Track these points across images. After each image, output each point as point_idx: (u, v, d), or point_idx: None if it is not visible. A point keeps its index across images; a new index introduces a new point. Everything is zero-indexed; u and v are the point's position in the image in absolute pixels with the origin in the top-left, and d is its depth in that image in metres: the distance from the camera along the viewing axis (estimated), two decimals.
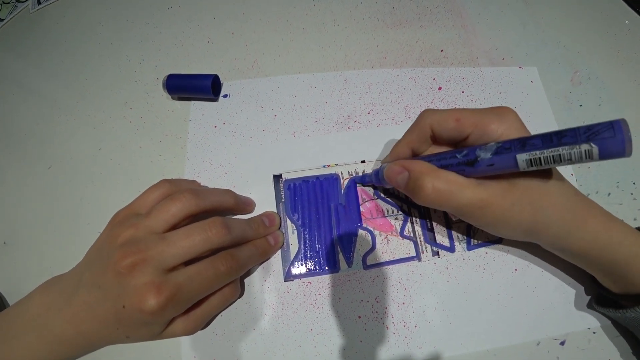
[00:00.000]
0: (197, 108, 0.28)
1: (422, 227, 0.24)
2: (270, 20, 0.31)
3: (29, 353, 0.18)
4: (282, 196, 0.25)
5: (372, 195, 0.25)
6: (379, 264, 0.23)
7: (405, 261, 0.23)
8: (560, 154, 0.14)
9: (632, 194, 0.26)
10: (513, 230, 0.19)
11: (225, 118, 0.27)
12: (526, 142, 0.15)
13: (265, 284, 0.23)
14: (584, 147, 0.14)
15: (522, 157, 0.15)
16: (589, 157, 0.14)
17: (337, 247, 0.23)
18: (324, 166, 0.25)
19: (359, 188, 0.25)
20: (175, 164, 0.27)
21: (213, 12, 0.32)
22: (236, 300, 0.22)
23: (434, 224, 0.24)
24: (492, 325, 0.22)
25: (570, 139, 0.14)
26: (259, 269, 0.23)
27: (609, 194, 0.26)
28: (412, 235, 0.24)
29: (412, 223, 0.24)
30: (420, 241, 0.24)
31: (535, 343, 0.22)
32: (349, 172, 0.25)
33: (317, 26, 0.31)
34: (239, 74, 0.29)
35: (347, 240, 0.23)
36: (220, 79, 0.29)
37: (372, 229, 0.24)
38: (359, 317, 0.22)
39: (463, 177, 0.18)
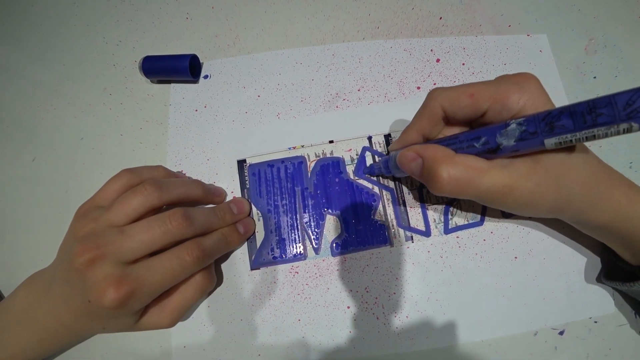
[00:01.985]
0: (177, 91, 0.25)
1: (395, 210, 0.22)
2: None
3: (20, 345, 0.19)
4: (247, 182, 0.22)
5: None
6: (348, 251, 0.21)
7: (376, 247, 0.21)
8: (595, 134, 0.12)
9: None
10: (536, 210, 0.17)
11: (206, 101, 0.25)
12: (554, 125, 0.13)
13: (252, 274, 0.21)
14: (623, 125, 0.12)
15: (551, 142, 0.13)
16: (626, 132, 0.12)
17: (304, 234, 0.21)
18: (290, 148, 0.23)
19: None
20: (157, 152, 0.24)
21: None
22: (213, 289, 0.21)
23: (408, 207, 0.22)
24: (487, 316, 0.20)
25: (608, 118, 0.12)
26: (244, 257, 0.21)
27: None
28: (383, 219, 0.21)
29: (383, 206, 0.22)
30: (393, 225, 0.21)
31: (533, 333, 0.20)
32: (315, 154, 0.23)
33: None
34: (220, 52, 0.26)
35: (315, 226, 0.21)
36: (200, 59, 0.26)
37: (339, 214, 0.22)
38: (348, 307, 0.20)
39: (483, 160, 0.15)
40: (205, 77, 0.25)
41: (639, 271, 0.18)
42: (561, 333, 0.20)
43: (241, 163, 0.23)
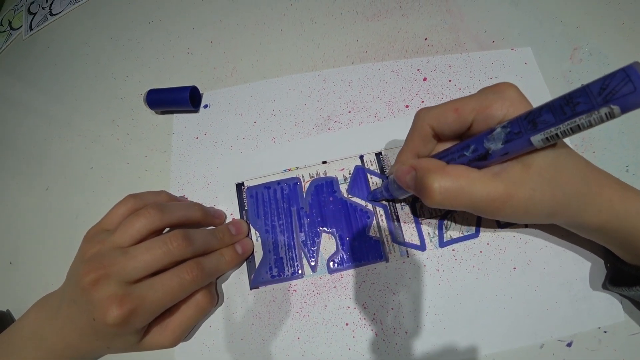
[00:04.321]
0: (180, 121, 0.28)
1: (389, 225, 0.23)
2: (248, 24, 0.31)
3: None
4: (245, 204, 0.24)
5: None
6: (344, 268, 0.22)
7: (371, 263, 0.22)
8: (578, 124, 0.13)
9: None
10: (535, 216, 0.17)
11: (206, 129, 0.27)
12: (536, 121, 0.14)
13: (252, 293, 0.23)
14: (604, 110, 0.12)
15: (537, 138, 0.14)
16: (610, 117, 0.12)
17: (301, 252, 0.23)
18: (285, 170, 0.25)
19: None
20: (161, 178, 0.27)
21: (192, 22, 0.32)
22: (214, 308, 0.22)
23: (402, 222, 0.23)
24: (489, 329, 0.21)
25: (585, 105, 0.12)
26: (243, 277, 0.23)
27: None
28: (377, 235, 0.23)
29: (377, 223, 0.23)
30: (388, 241, 0.23)
31: (539, 346, 0.20)
32: (310, 175, 0.25)
33: (294, 26, 0.30)
34: (218, 82, 0.29)
35: (311, 244, 0.23)
36: (200, 90, 0.29)
37: (334, 231, 0.23)
38: (347, 324, 0.21)
39: (474, 169, 0.16)
40: (205, 106, 0.28)
41: None
42: (569, 345, 0.20)
43: (239, 186, 0.25)
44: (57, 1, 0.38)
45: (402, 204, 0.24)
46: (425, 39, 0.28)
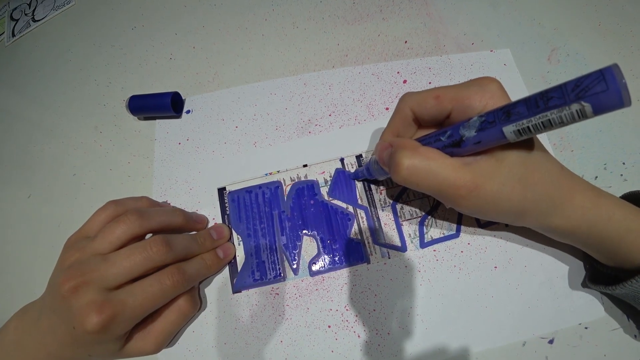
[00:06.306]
0: (162, 126, 0.29)
1: (370, 227, 0.24)
2: (230, 30, 0.32)
3: None
4: (227, 208, 0.25)
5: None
6: (325, 270, 0.23)
7: (353, 265, 0.23)
8: (550, 119, 0.13)
9: (622, 175, 0.25)
10: (503, 213, 0.18)
11: (188, 134, 0.28)
12: (510, 112, 0.14)
13: (235, 297, 0.23)
14: (575, 107, 0.12)
15: (509, 129, 0.14)
16: (582, 116, 0.13)
17: (283, 255, 0.24)
18: (266, 174, 0.26)
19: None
20: (144, 184, 0.27)
21: (174, 28, 0.33)
22: (197, 313, 0.23)
23: (383, 224, 0.24)
24: (471, 328, 0.21)
25: (558, 100, 0.13)
26: (226, 281, 0.24)
27: (596, 177, 0.25)
28: (358, 237, 0.24)
29: (358, 225, 0.24)
30: (369, 243, 0.23)
31: (521, 343, 0.21)
32: (291, 178, 0.25)
33: (276, 31, 0.31)
34: (200, 88, 0.30)
35: (292, 247, 0.24)
36: (183, 95, 0.29)
37: (316, 234, 0.24)
38: (329, 326, 0.22)
39: (447, 155, 0.17)
40: (188, 112, 0.29)
41: (620, 273, 0.19)
42: (551, 342, 0.21)
43: (221, 191, 0.26)
44: (40, 7, 0.39)
45: (383, 205, 0.24)
46: (405, 42, 0.29)
